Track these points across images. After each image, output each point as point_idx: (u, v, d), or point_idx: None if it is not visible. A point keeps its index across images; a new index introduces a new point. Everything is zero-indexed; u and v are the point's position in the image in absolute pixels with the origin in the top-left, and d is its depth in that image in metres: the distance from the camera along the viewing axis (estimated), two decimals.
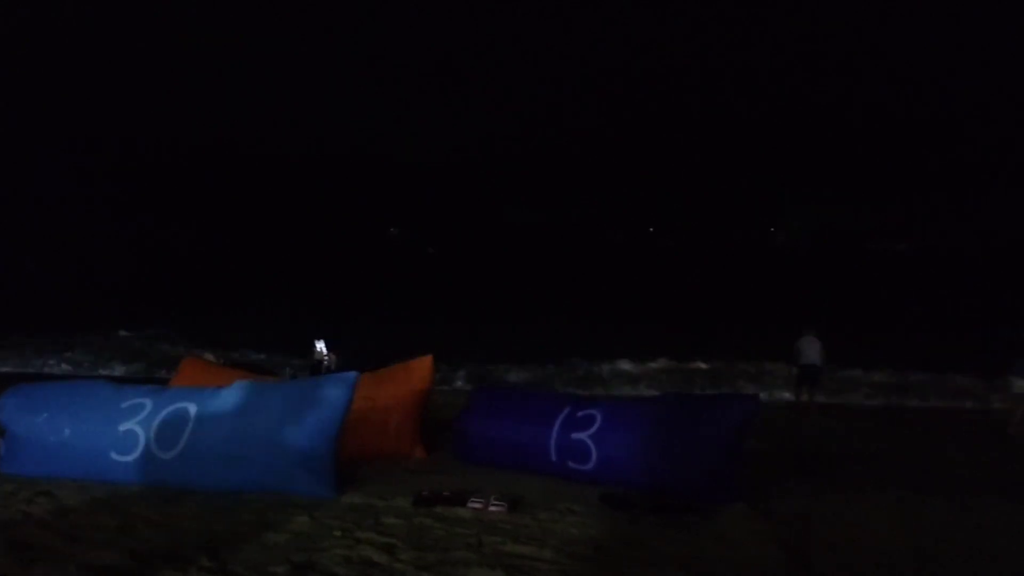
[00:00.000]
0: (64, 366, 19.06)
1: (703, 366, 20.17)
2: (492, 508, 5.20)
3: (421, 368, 7.98)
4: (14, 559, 3.54)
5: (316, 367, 15.17)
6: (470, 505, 5.26)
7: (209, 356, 11.50)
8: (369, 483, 6.17)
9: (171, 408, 5.84)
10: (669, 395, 7.08)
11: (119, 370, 18.00)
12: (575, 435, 6.38)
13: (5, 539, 3.88)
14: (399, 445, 7.62)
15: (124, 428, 5.79)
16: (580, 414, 6.53)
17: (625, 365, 20.01)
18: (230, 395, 5.87)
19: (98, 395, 6.17)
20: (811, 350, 12.98)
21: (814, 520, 5.15)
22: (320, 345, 15.76)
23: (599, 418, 6.37)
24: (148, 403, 5.92)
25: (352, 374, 6.06)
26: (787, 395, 15.05)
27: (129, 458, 5.73)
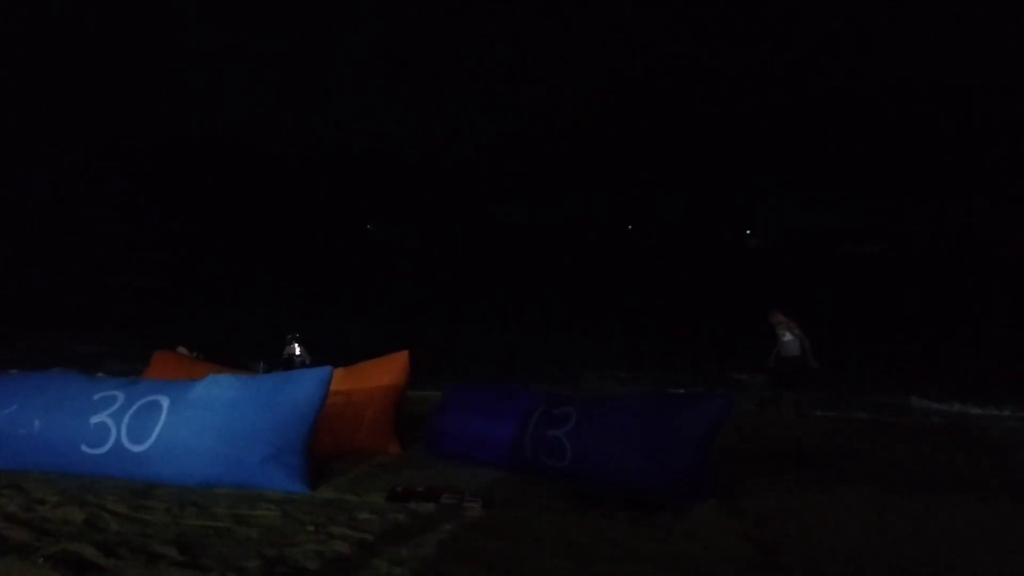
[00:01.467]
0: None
1: (678, 369, 20.35)
2: (466, 504, 5.20)
3: (396, 363, 7.95)
4: None
5: (289, 361, 15.11)
6: (444, 501, 5.26)
7: (183, 349, 11.37)
8: (343, 478, 6.15)
9: (143, 401, 5.78)
10: (644, 393, 7.12)
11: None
12: (550, 432, 6.39)
13: None
14: (373, 440, 7.59)
15: (95, 420, 5.72)
16: (556, 411, 6.55)
17: (600, 369, 20.19)
18: (203, 389, 5.82)
19: (69, 387, 6.08)
20: (790, 340, 12.73)
21: (785, 517, 5.20)
22: (293, 340, 15.71)
23: (574, 415, 6.39)
24: (120, 395, 5.85)
25: (327, 369, 6.03)
26: (763, 393, 14.73)
27: (100, 451, 5.66)
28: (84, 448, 5.70)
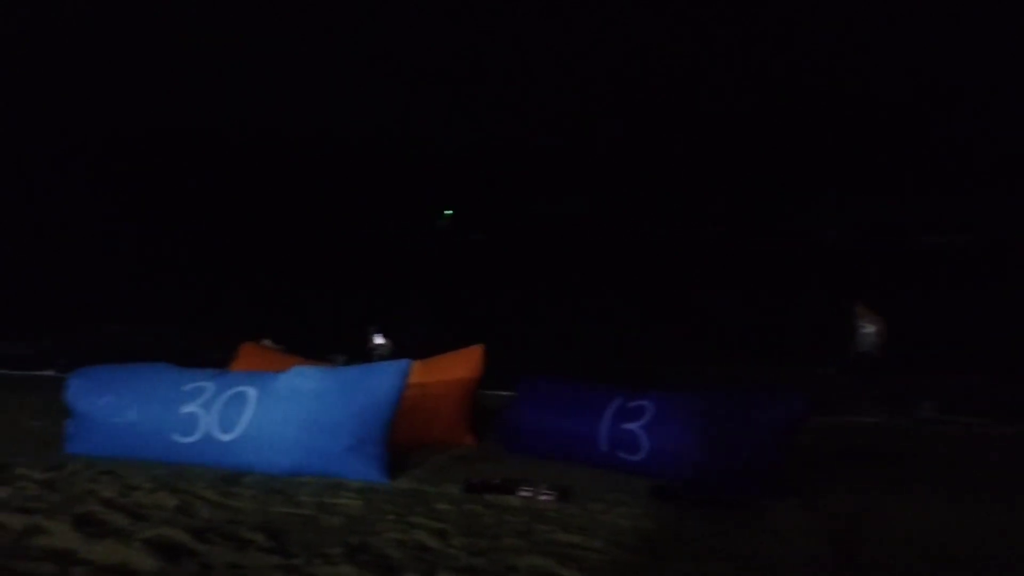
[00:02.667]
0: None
1: (755, 364, 19.93)
2: (542, 497, 5.24)
3: (472, 357, 8.06)
4: (81, 535, 3.67)
5: (369, 354, 15.50)
6: (520, 493, 5.30)
7: (267, 342, 11.72)
8: (420, 469, 6.27)
9: (231, 391, 6.01)
10: (722, 388, 7.04)
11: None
12: (626, 425, 6.38)
13: (73, 516, 4.01)
14: (449, 433, 7.71)
15: (186, 410, 5.97)
16: (631, 405, 6.53)
17: (675, 363, 19.92)
18: (288, 380, 6.01)
19: (161, 378, 6.37)
20: (870, 334, 12.32)
21: (865, 517, 5.08)
22: (375, 333, 16.17)
23: (650, 409, 6.35)
24: (210, 386, 6.10)
25: (405, 362, 6.15)
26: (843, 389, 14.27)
27: (190, 439, 5.90)
28: (175, 436, 5.95)
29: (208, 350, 9.75)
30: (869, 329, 12.36)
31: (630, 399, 6.66)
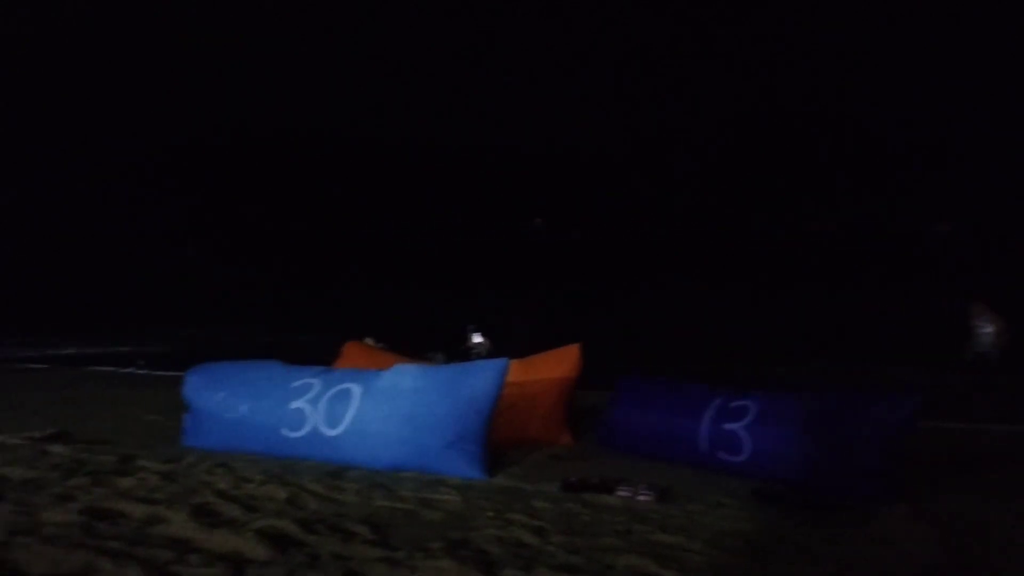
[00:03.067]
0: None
1: (863, 364, 19.18)
2: (640, 497, 5.19)
3: (569, 356, 8.05)
4: (198, 524, 3.85)
5: (467, 353, 15.73)
6: (618, 493, 5.27)
7: (370, 341, 12.05)
8: (518, 467, 6.31)
9: (337, 388, 6.21)
10: (829, 388, 6.79)
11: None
12: (727, 425, 6.25)
13: (190, 506, 4.22)
14: (546, 431, 7.73)
15: (294, 406, 6.21)
16: (733, 404, 6.39)
17: (779, 362, 19.41)
18: (390, 378, 6.17)
19: (271, 375, 6.65)
20: (988, 334, 11.70)
21: (982, 525, 4.81)
22: (473, 332, 16.41)
23: (753, 409, 6.21)
24: (316, 383, 6.32)
25: (503, 360, 6.22)
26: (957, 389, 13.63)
27: (298, 434, 6.13)
28: (284, 431, 6.20)
29: (314, 348, 10.07)
30: (987, 329, 11.70)
31: (731, 399, 6.53)
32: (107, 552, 3.27)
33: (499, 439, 6.58)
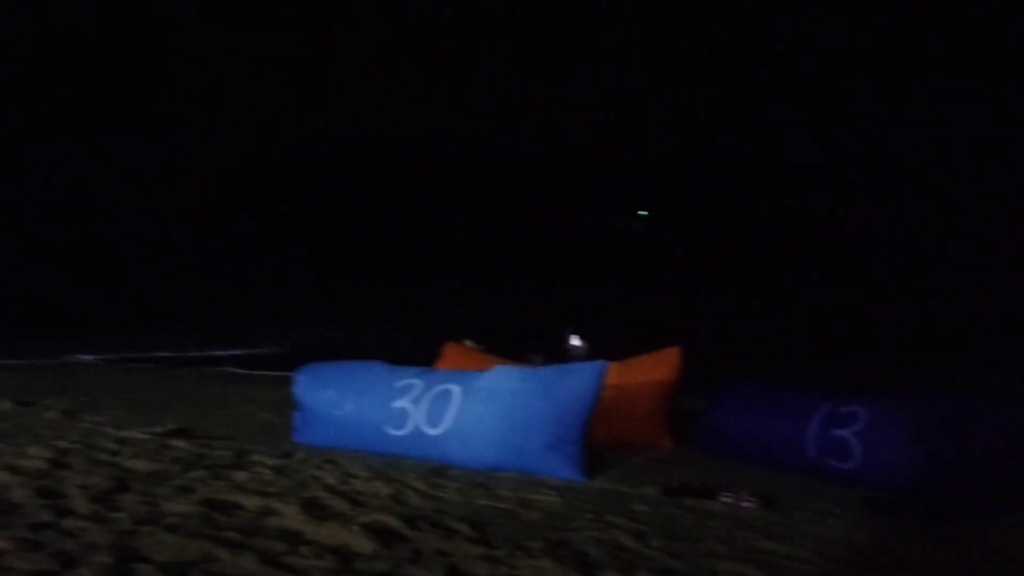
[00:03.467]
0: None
1: (982, 369, 18.16)
2: (744, 503, 5.09)
3: (670, 359, 7.97)
4: (308, 517, 4.00)
5: (565, 355, 15.69)
6: (721, 499, 5.18)
7: (469, 342, 12.20)
8: (617, 470, 6.28)
9: (438, 389, 6.34)
10: (944, 394, 6.48)
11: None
12: (837, 431, 6.05)
13: (301, 499, 4.38)
14: (646, 434, 7.66)
15: (397, 405, 6.37)
16: (842, 410, 6.18)
17: (891, 366, 18.62)
18: (489, 379, 6.25)
19: (375, 375, 6.84)
20: None
21: None
22: (571, 334, 16.36)
23: (864, 415, 5.99)
24: (418, 383, 6.47)
25: (602, 363, 6.20)
26: None
27: (401, 433, 6.29)
28: (388, 430, 6.36)
29: (415, 349, 10.29)
30: None
31: (841, 404, 6.32)
32: (224, 542, 3.44)
33: (598, 442, 6.56)
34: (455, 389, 6.28)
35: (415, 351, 9.47)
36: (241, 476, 5.02)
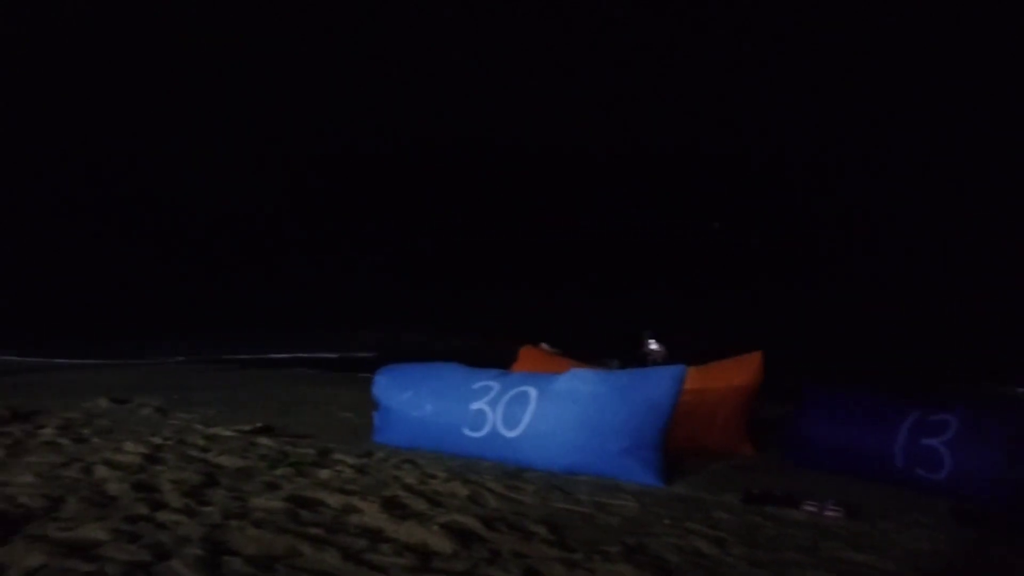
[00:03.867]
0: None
1: None
2: (828, 513, 4.96)
3: (750, 364, 7.81)
4: (388, 516, 4.08)
5: (643, 359, 15.55)
6: (804, 507, 5.06)
7: (545, 345, 12.23)
8: (696, 476, 6.19)
9: (515, 391, 6.37)
10: None
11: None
12: (926, 441, 5.84)
13: (381, 498, 4.47)
14: (726, 440, 7.53)
15: (475, 407, 6.43)
16: (932, 418, 5.96)
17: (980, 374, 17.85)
18: (566, 382, 6.25)
19: (453, 376, 6.93)
20: None
21: None
22: (650, 338, 16.21)
23: (954, 424, 5.76)
24: (495, 385, 6.52)
25: (680, 367, 6.13)
26: None
27: (478, 434, 6.34)
28: (466, 431, 6.43)
29: (492, 352, 10.36)
30: None
31: (930, 412, 6.09)
32: (308, 537, 3.54)
33: (677, 447, 6.49)
34: (532, 391, 6.30)
35: (492, 354, 9.52)
36: (324, 474, 5.16)
